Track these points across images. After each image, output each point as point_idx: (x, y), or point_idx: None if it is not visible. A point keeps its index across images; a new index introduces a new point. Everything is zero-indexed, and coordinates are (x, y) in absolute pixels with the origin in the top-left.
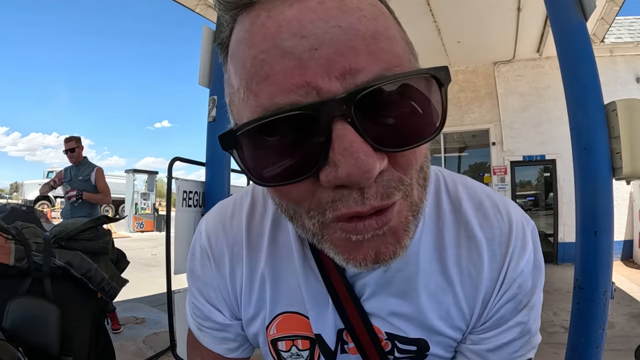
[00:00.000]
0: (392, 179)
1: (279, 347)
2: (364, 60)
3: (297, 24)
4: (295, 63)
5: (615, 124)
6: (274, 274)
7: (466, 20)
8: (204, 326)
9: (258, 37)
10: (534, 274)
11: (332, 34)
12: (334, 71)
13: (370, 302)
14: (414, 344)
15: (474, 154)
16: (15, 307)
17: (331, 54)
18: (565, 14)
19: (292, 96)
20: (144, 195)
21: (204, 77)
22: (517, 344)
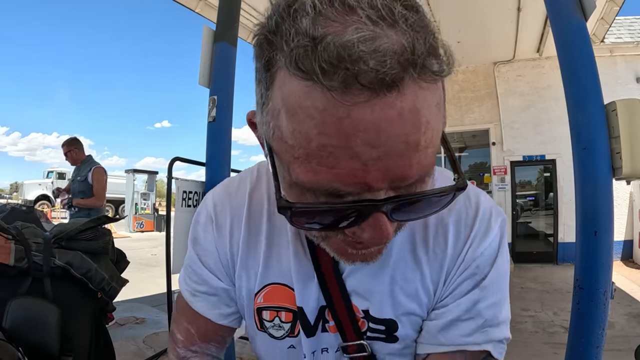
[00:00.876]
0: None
1: (263, 317)
2: (414, 170)
3: (373, 134)
4: (361, 167)
5: (615, 124)
6: (269, 246)
7: (466, 20)
8: (198, 291)
9: (332, 130)
10: (494, 261)
11: (398, 148)
12: (388, 177)
13: (350, 280)
14: (383, 324)
15: (474, 154)
16: (15, 307)
17: (391, 164)
18: (565, 14)
19: (349, 188)
20: (144, 195)
21: (204, 77)
22: (467, 325)
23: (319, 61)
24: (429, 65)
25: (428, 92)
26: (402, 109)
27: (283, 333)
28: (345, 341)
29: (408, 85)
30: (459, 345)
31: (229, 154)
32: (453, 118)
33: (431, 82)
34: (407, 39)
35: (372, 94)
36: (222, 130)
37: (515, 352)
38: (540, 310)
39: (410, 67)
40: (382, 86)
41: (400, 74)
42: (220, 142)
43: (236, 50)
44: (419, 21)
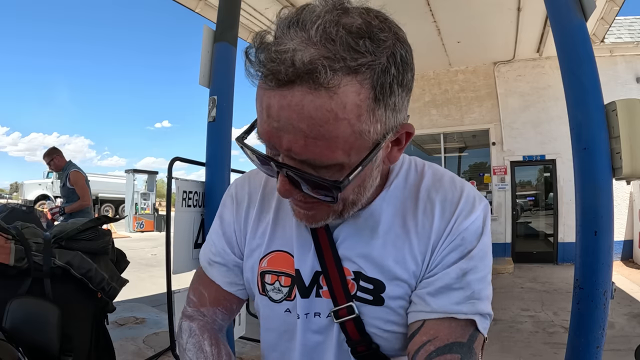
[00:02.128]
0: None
1: (265, 280)
2: (300, 149)
3: (274, 111)
4: (270, 130)
5: (615, 124)
6: (276, 219)
7: (466, 20)
8: (213, 261)
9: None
10: (480, 237)
11: (288, 128)
12: (284, 145)
13: (343, 246)
14: (372, 282)
15: (474, 154)
16: (15, 307)
17: (282, 136)
18: (565, 14)
19: (267, 141)
20: (144, 195)
21: (204, 77)
22: (457, 295)
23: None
24: (314, 77)
25: (316, 98)
26: (290, 101)
27: (281, 296)
28: (336, 305)
29: (297, 88)
30: (449, 313)
31: (229, 154)
32: (453, 118)
33: (320, 91)
34: (308, 58)
35: (276, 88)
36: (222, 130)
37: (515, 352)
38: (540, 310)
39: (297, 77)
40: (280, 85)
41: (292, 79)
42: (220, 142)
43: (236, 50)
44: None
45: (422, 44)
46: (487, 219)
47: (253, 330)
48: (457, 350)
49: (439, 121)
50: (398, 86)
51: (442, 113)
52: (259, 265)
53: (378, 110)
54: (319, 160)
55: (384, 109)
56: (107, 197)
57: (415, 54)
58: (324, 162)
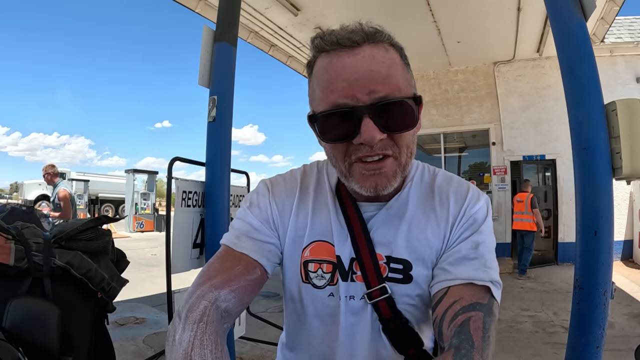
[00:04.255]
0: (388, 144)
1: (308, 268)
2: (380, 86)
3: (351, 67)
4: (348, 85)
5: (615, 124)
6: (314, 212)
7: (466, 20)
8: (246, 235)
9: (332, 70)
10: (486, 218)
11: (367, 74)
12: (365, 90)
13: (377, 233)
14: (401, 263)
15: (474, 153)
16: (15, 307)
17: (365, 82)
18: (565, 14)
19: (345, 100)
20: (144, 195)
21: (203, 77)
22: (473, 263)
23: (325, 40)
24: (376, 38)
25: (379, 50)
26: (363, 55)
27: (324, 282)
28: (368, 288)
29: (365, 45)
30: (468, 279)
31: (229, 154)
32: (453, 118)
33: (380, 46)
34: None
35: (348, 50)
36: (222, 130)
37: (515, 352)
38: (540, 310)
39: (365, 38)
40: (351, 45)
41: (360, 39)
42: (220, 142)
43: (236, 50)
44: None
45: (422, 44)
46: (489, 207)
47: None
48: (479, 308)
49: (439, 121)
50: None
51: (442, 113)
52: (301, 255)
53: (408, 72)
54: (396, 91)
55: (410, 73)
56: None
57: (415, 54)
58: (399, 93)
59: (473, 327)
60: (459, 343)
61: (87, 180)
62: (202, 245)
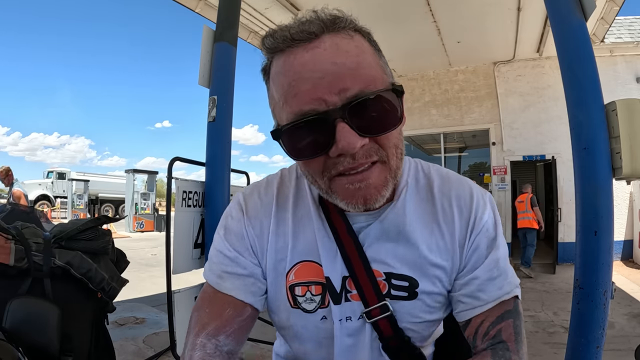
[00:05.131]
0: (372, 148)
1: (295, 293)
2: (350, 82)
3: (311, 63)
4: (312, 87)
5: (615, 124)
6: (295, 229)
7: (466, 20)
8: (226, 272)
9: (290, 71)
10: (495, 225)
11: (331, 69)
12: (333, 89)
13: (372, 249)
14: (406, 279)
15: (474, 154)
16: (15, 307)
17: (331, 80)
18: (565, 14)
19: (311, 105)
20: (144, 195)
21: (203, 77)
22: (498, 282)
23: (277, 39)
24: (336, 24)
25: (343, 38)
26: (324, 46)
27: (315, 305)
28: (367, 307)
29: (325, 35)
30: (499, 298)
31: (228, 154)
32: (453, 118)
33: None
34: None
35: (305, 44)
36: (222, 130)
37: None
38: (540, 310)
39: (324, 27)
40: (308, 38)
41: (317, 29)
42: (220, 142)
43: (236, 50)
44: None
45: (422, 44)
46: (494, 207)
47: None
48: (508, 316)
49: (439, 121)
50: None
51: (442, 113)
52: (285, 279)
53: (381, 58)
54: (370, 84)
55: (384, 60)
56: (107, 197)
57: (415, 54)
58: (374, 86)
59: (505, 335)
60: (494, 346)
61: (87, 180)
62: (202, 245)
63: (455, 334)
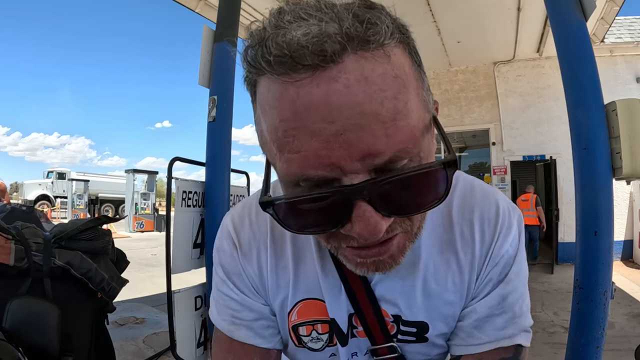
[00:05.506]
0: (396, 222)
1: (300, 333)
2: (382, 144)
3: (324, 108)
4: (323, 145)
5: (615, 124)
6: (295, 265)
7: (466, 20)
8: (238, 318)
9: (288, 113)
10: (516, 255)
11: (355, 120)
12: (356, 154)
13: (381, 286)
14: (415, 326)
15: (474, 154)
16: (15, 307)
17: (354, 138)
18: (565, 14)
19: (320, 172)
20: (144, 195)
21: (203, 77)
22: (500, 320)
23: (265, 55)
24: (369, 38)
25: (376, 63)
26: (347, 79)
27: (322, 344)
28: (373, 345)
29: (349, 58)
30: (496, 341)
31: (229, 154)
32: (453, 118)
33: (377, 53)
34: (345, 24)
35: (314, 71)
36: (222, 130)
37: None
38: (540, 310)
39: (347, 41)
40: (322, 62)
41: (338, 47)
42: (220, 142)
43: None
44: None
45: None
46: (521, 231)
47: None
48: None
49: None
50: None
51: (442, 113)
52: (288, 319)
53: (423, 76)
54: (410, 144)
55: (425, 75)
56: (107, 197)
57: None
58: (416, 148)
59: None
60: None
61: (87, 180)
62: (202, 245)
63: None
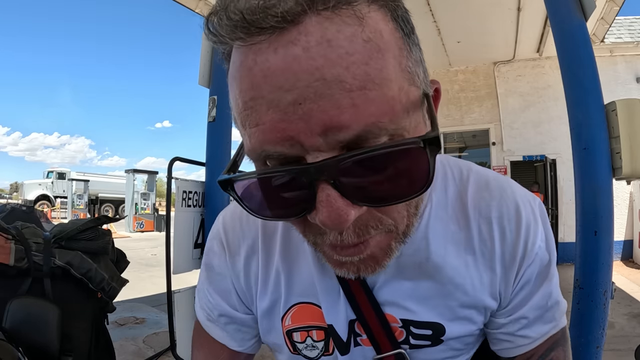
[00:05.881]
0: (371, 220)
1: (294, 339)
2: (348, 116)
3: (281, 75)
4: (280, 116)
5: (615, 124)
6: (288, 266)
7: (466, 20)
8: (212, 317)
9: (246, 84)
10: (548, 248)
11: (315, 87)
12: (317, 128)
13: (385, 290)
14: (429, 327)
15: (474, 154)
16: (15, 307)
17: (314, 109)
18: (565, 14)
19: (279, 147)
20: (144, 195)
21: (203, 77)
22: (549, 314)
23: (223, 21)
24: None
25: (343, 25)
26: (307, 42)
27: (317, 353)
28: (379, 353)
29: (311, 20)
30: (547, 334)
31: (229, 154)
32: (453, 118)
33: (345, 13)
34: None
35: (271, 35)
36: (222, 130)
37: None
38: None
39: (309, 3)
40: (279, 23)
41: (296, 7)
42: (220, 142)
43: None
44: None
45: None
46: (545, 219)
47: None
48: (557, 345)
49: (439, 121)
50: (413, 25)
51: (442, 113)
52: (281, 324)
53: (413, 48)
54: (385, 116)
55: (417, 47)
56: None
57: None
58: (392, 122)
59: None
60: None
61: (87, 180)
62: (203, 245)
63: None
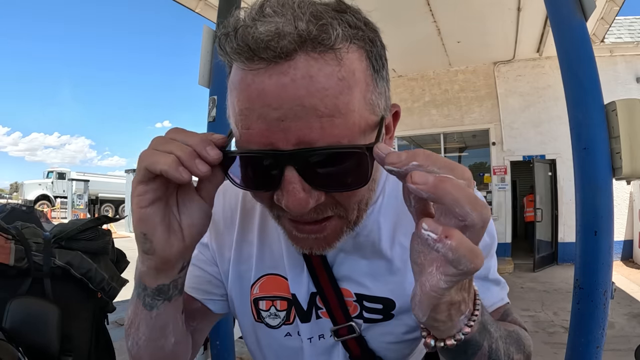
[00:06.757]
0: (328, 204)
1: (259, 306)
2: (316, 134)
3: (271, 97)
4: (266, 127)
5: (615, 124)
6: (261, 240)
7: (466, 20)
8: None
9: (243, 96)
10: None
11: (295, 111)
12: (292, 139)
13: (343, 266)
14: (380, 302)
15: (474, 154)
16: (15, 307)
17: (292, 126)
18: (565, 14)
19: (260, 148)
20: None
21: (203, 77)
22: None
23: (233, 44)
24: (320, 40)
25: (324, 64)
26: (294, 75)
27: (279, 321)
28: (335, 325)
29: (301, 57)
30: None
31: None
32: (453, 118)
33: (327, 56)
34: (301, 25)
35: (269, 64)
36: (222, 130)
37: None
38: (540, 310)
39: (300, 42)
40: (275, 57)
41: (292, 47)
42: None
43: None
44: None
45: (422, 44)
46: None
47: None
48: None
49: (439, 121)
50: (385, 60)
51: (442, 113)
52: (250, 292)
53: (379, 82)
54: (345, 137)
55: (384, 81)
56: (107, 197)
57: (415, 54)
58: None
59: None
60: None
61: (87, 180)
62: None
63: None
